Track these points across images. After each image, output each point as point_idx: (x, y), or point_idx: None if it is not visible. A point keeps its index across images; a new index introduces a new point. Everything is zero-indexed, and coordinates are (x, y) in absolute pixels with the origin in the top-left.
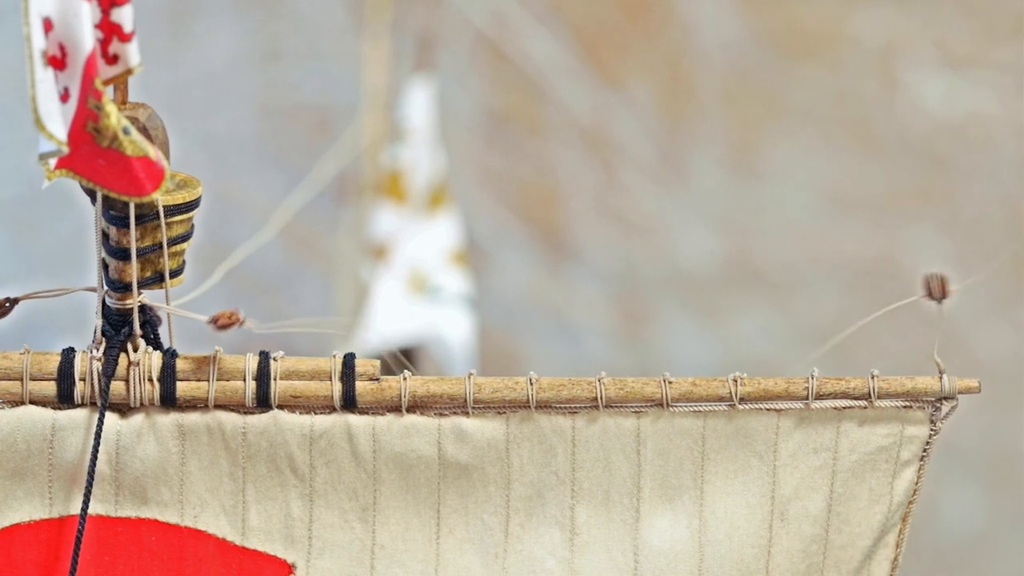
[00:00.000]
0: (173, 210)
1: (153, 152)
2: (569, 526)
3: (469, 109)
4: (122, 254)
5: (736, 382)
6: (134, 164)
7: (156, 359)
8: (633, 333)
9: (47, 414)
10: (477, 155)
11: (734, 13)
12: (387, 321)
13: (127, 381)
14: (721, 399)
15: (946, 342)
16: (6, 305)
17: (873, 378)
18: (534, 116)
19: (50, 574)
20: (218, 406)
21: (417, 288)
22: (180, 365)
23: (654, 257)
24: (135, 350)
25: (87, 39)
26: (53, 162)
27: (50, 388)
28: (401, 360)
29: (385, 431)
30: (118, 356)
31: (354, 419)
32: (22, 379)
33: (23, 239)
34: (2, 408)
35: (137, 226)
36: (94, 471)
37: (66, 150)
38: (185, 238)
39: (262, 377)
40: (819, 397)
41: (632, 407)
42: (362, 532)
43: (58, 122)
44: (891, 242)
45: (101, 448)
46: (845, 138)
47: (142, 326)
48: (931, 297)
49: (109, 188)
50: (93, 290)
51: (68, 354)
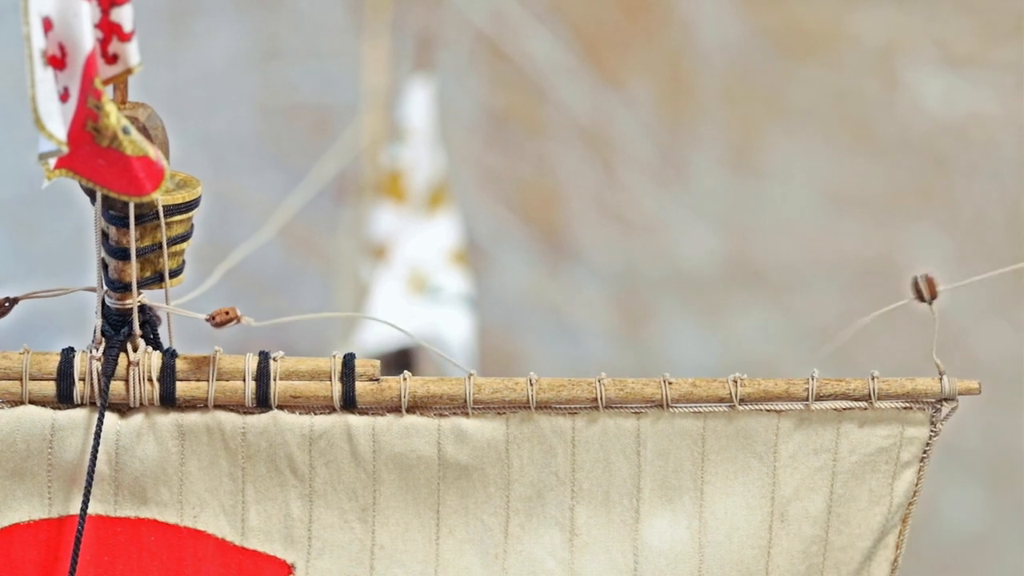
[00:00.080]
0: (173, 210)
1: (153, 152)
2: (569, 527)
3: (469, 109)
4: (122, 254)
5: (736, 383)
6: (134, 164)
7: (156, 359)
8: (633, 333)
9: (46, 414)
10: (477, 155)
11: (734, 12)
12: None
13: (127, 381)
14: (721, 400)
15: (946, 342)
16: (5, 305)
17: (873, 379)
18: (534, 116)
19: (49, 574)
20: (218, 406)
21: (417, 288)
22: (180, 365)
23: (654, 257)
24: (135, 350)
25: (87, 39)
26: (53, 162)
27: (49, 388)
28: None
29: (385, 431)
30: (118, 356)
31: (354, 419)
32: (21, 379)
33: (23, 239)
34: (1, 408)
35: (137, 226)
36: (93, 471)
37: (66, 150)
38: (185, 238)
39: (262, 377)
40: (819, 398)
41: (632, 408)
42: (362, 532)
43: (58, 122)
44: (891, 242)
45: (100, 448)
46: (845, 138)
47: (142, 326)
48: (920, 299)
49: (109, 188)
50: (93, 290)
51: (68, 354)
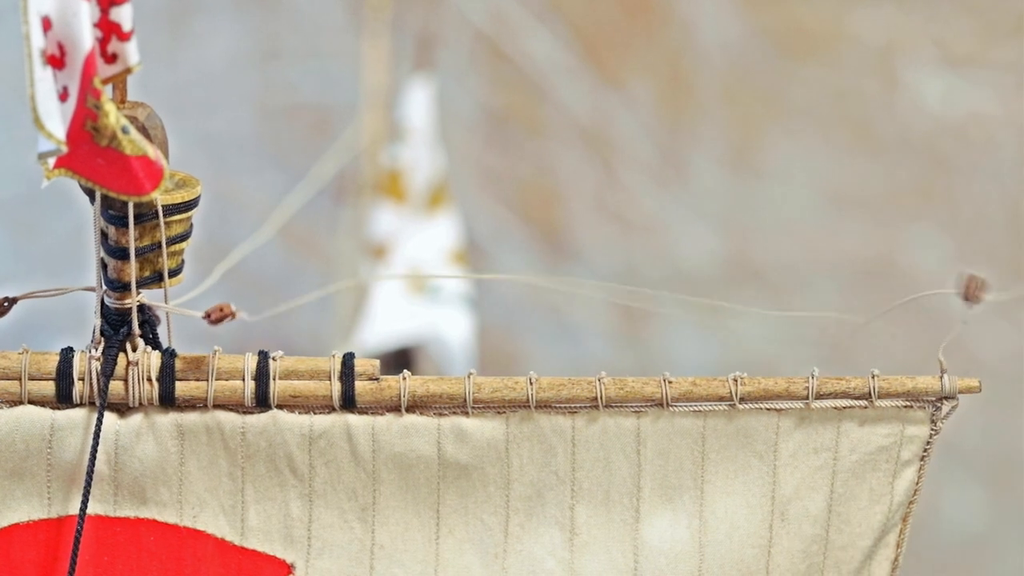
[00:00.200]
0: (172, 209)
1: (152, 151)
2: (569, 526)
3: (469, 108)
4: (121, 253)
5: (736, 382)
6: (133, 163)
7: (155, 359)
8: (633, 333)
9: (46, 414)
10: (477, 154)
11: (734, 12)
12: (386, 320)
13: (126, 381)
14: (721, 399)
15: (946, 341)
16: (5, 304)
17: (873, 378)
18: (534, 115)
19: (49, 574)
20: (217, 406)
21: (417, 288)
22: (179, 365)
23: (654, 257)
24: (134, 350)
25: (86, 38)
26: (52, 161)
27: (49, 388)
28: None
29: (384, 431)
30: (117, 356)
31: (353, 419)
32: (21, 379)
33: (22, 238)
34: (1, 408)
35: (136, 225)
36: (93, 471)
37: (65, 149)
38: (184, 237)
39: (261, 377)
40: (819, 397)
41: (632, 407)
42: (361, 532)
43: (57, 121)
44: (891, 242)
45: (100, 448)
46: (845, 137)
47: (141, 326)
48: (964, 297)
49: (108, 187)
50: (92, 290)
51: (67, 354)
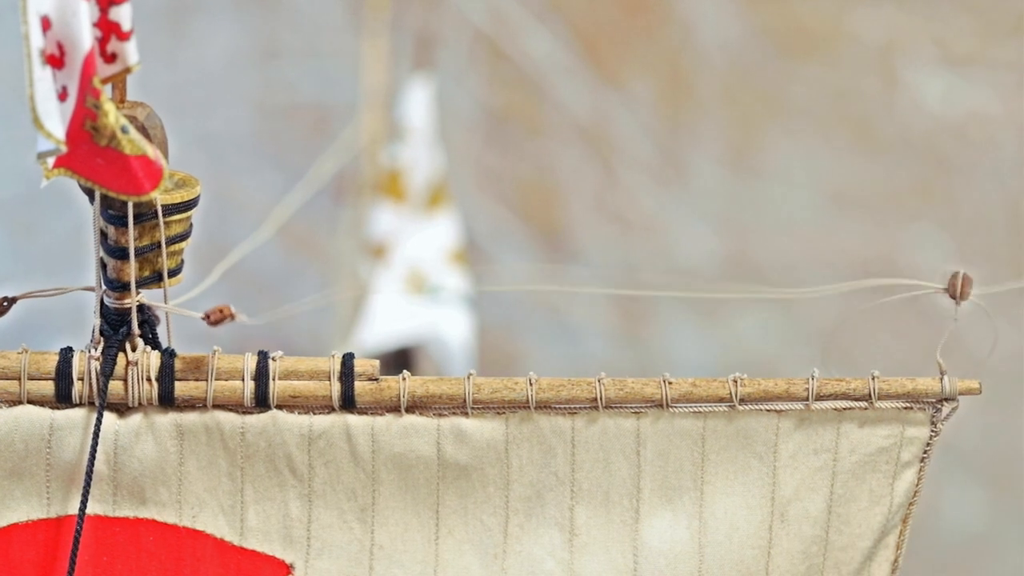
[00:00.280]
0: (171, 209)
1: (151, 151)
2: (568, 527)
3: (468, 108)
4: (120, 253)
5: (736, 383)
6: (132, 163)
7: (154, 359)
8: (633, 333)
9: (45, 414)
10: (476, 154)
11: (734, 11)
12: (386, 321)
13: (125, 381)
14: (721, 400)
15: (946, 342)
16: (4, 304)
17: (873, 379)
18: (533, 115)
19: (48, 574)
20: (216, 406)
21: (416, 288)
22: (178, 365)
23: (654, 256)
24: (133, 349)
25: (85, 37)
26: (51, 161)
27: (48, 388)
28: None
29: (384, 431)
30: (116, 356)
31: (353, 419)
32: (20, 378)
33: (21, 238)
34: (0, 407)
35: (135, 225)
36: (92, 471)
37: (64, 149)
38: (183, 237)
39: (261, 377)
40: (819, 398)
41: (632, 408)
42: (361, 532)
43: (56, 121)
44: (891, 241)
45: (99, 448)
46: (845, 137)
47: (140, 325)
48: (950, 294)
49: (107, 187)
50: (91, 289)
51: (66, 354)
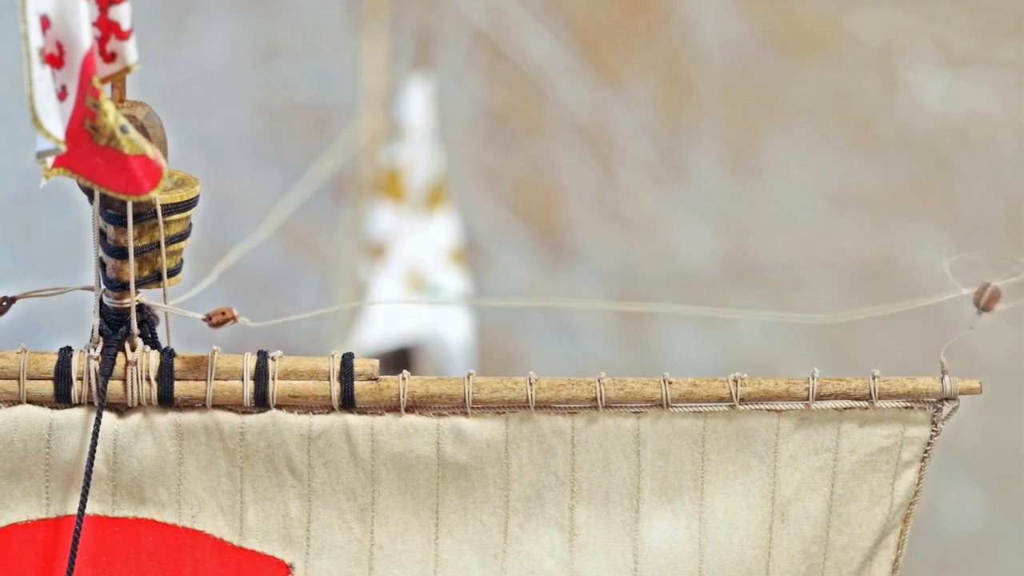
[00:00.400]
0: (171, 209)
1: (151, 150)
2: (568, 527)
3: (468, 107)
4: (120, 253)
5: (736, 382)
6: (132, 162)
7: (154, 358)
8: (632, 333)
9: (44, 413)
10: (476, 153)
11: (734, 11)
12: (385, 320)
13: (124, 380)
14: (721, 399)
15: (946, 342)
16: (3, 304)
17: (874, 379)
18: (533, 114)
19: (47, 574)
20: (216, 406)
21: (415, 287)
22: (178, 364)
23: (653, 256)
24: (132, 349)
25: (85, 37)
26: (51, 160)
27: (47, 387)
28: None
29: (384, 431)
30: (115, 355)
31: (352, 419)
32: (19, 378)
33: (20, 238)
34: None
35: (135, 225)
36: (91, 471)
37: (64, 148)
38: (183, 237)
39: (260, 377)
40: (820, 398)
41: (632, 407)
42: (360, 532)
43: (56, 120)
44: (891, 241)
45: (98, 448)
46: (845, 136)
47: (140, 325)
48: (976, 303)
49: (107, 187)
50: (90, 289)
51: (65, 353)
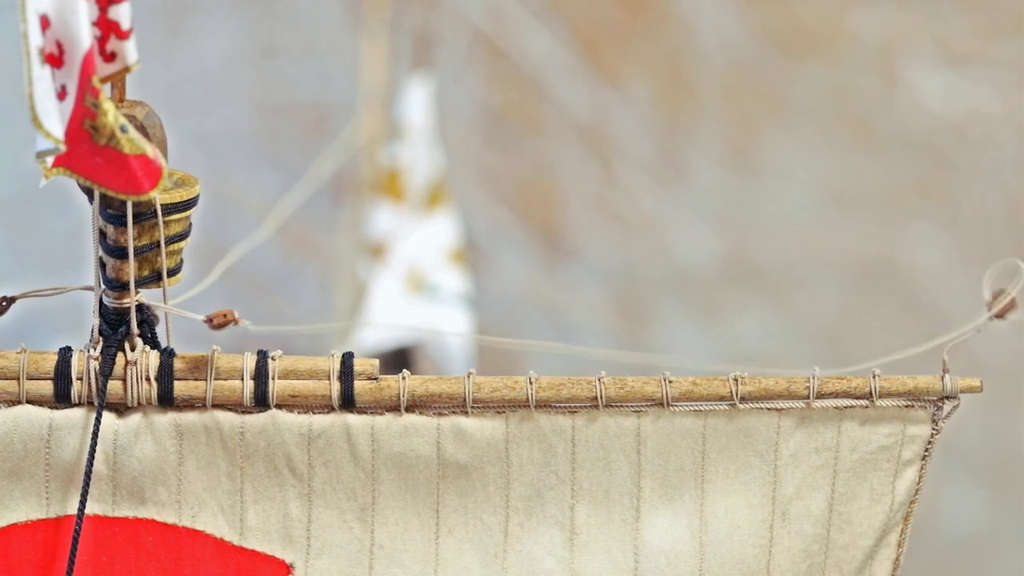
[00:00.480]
0: (171, 208)
1: (151, 150)
2: (569, 526)
3: (467, 107)
4: (119, 253)
5: (737, 381)
6: (132, 162)
7: (153, 358)
8: (633, 332)
9: (44, 413)
10: (475, 153)
11: (733, 10)
12: (385, 320)
13: (124, 380)
14: (722, 398)
15: (946, 341)
16: (3, 304)
17: (875, 377)
18: (532, 114)
19: (47, 574)
20: (216, 405)
21: (415, 287)
22: (177, 364)
23: (653, 256)
24: (132, 349)
25: (84, 36)
26: (50, 160)
27: (47, 387)
28: None
29: (384, 431)
30: (115, 355)
31: (353, 419)
32: (19, 378)
33: (20, 237)
34: None
35: (135, 224)
36: (91, 471)
37: (63, 148)
38: (183, 237)
39: (260, 376)
40: (820, 396)
41: (632, 406)
42: (361, 532)
43: (55, 120)
44: (891, 240)
45: (98, 448)
46: (845, 136)
47: (139, 325)
48: (989, 308)
49: (107, 186)
50: (90, 289)
51: (65, 353)
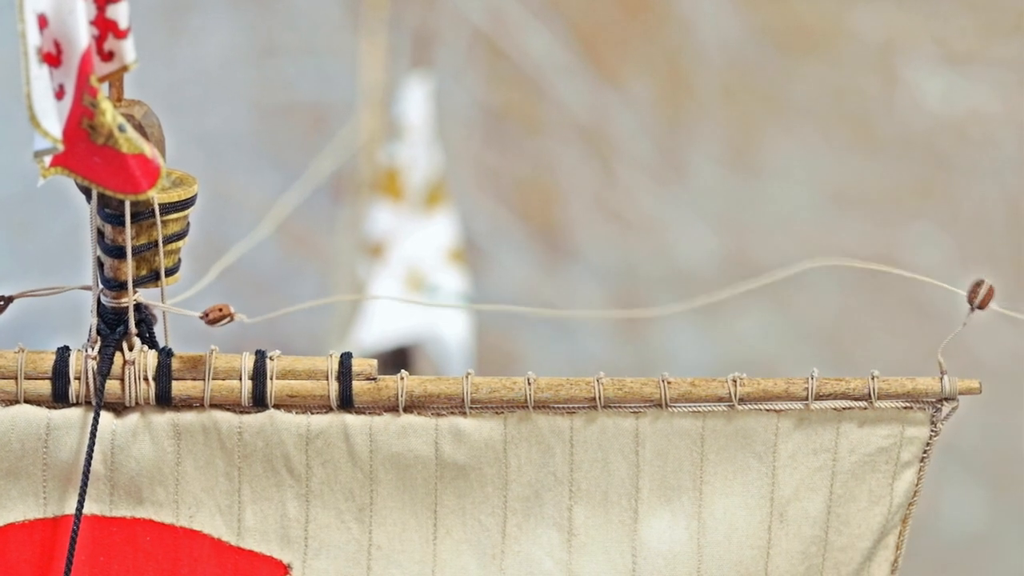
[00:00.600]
0: (169, 208)
1: (149, 149)
2: (567, 527)
3: (466, 106)
4: (117, 252)
5: (735, 382)
6: (130, 161)
7: (151, 358)
8: (632, 333)
9: (42, 413)
10: (474, 152)
11: (733, 10)
12: (384, 320)
13: (122, 380)
14: (720, 399)
15: (945, 342)
16: (1, 303)
17: (873, 379)
18: (532, 113)
19: (45, 574)
20: (214, 405)
21: (414, 287)
22: (175, 364)
23: (653, 255)
24: (130, 349)
25: (82, 36)
26: (48, 160)
27: (45, 387)
28: None
29: (382, 431)
30: (113, 355)
31: (351, 419)
32: (17, 378)
33: (18, 237)
34: None
35: (132, 224)
36: (89, 471)
37: (61, 148)
38: (181, 236)
39: (258, 376)
40: (819, 398)
41: (631, 407)
42: (359, 532)
43: (53, 119)
44: (891, 240)
45: (96, 448)
46: (845, 135)
47: (137, 325)
48: (970, 301)
49: (104, 186)
50: (88, 288)
51: (63, 353)
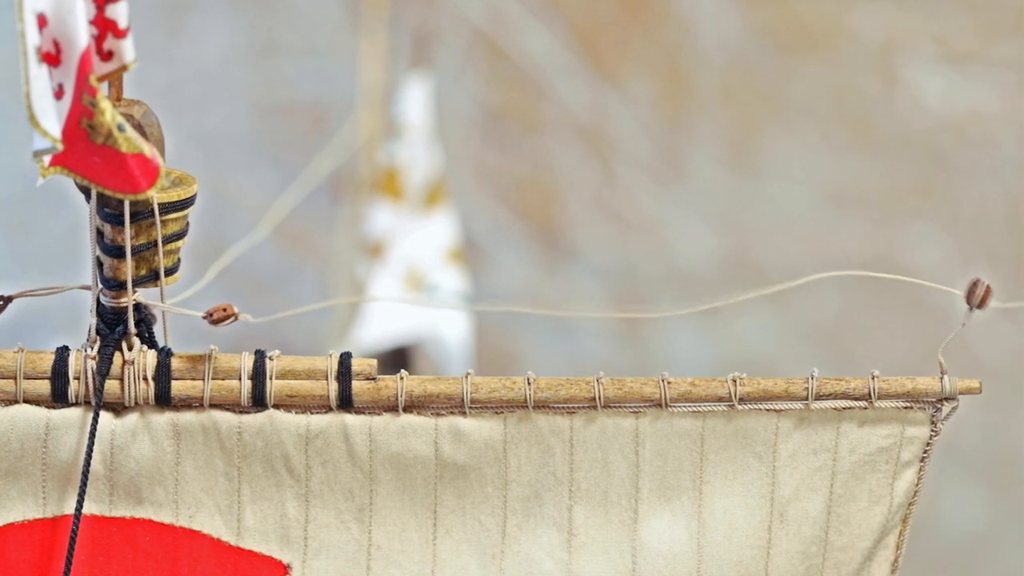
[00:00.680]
0: (168, 207)
1: (148, 149)
2: (567, 527)
3: (466, 106)
4: (117, 252)
5: (735, 382)
6: (129, 161)
7: (151, 358)
8: (631, 332)
9: (41, 413)
10: (474, 152)
11: (733, 9)
12: (384, 320)
13: (122, 380)
14: (720, 399)
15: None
16: (0, 303)
17: (873, 379)
18: (531, 113)
19: (44, 574)
20: (213, 405)
21: (414, 286)
22: (175, 364)
23: (652, 255)
24: (130, 349)
25: (82, 35)
26: (47, 159)
27: (44, 387)
28: None
29: (382, 431)
30: (113, 355)
31: (350, 419)
32: (16, 378)
33: (17, 237)
34: None
35: (132, 224)
36: (88, 471)
37: (60, 147)
38: (180, 236)
39: (258, 376)
40: (819, 398)
41: (630, 407)
42: (358, 532)
43: (52, 119)
44: (891, 240)
45: (95, 447)
46: (845, 135)
47: (137, 324)
48: (968, 301)
49: (104, 185)
50: (88, 288)
51: (62, 353)
